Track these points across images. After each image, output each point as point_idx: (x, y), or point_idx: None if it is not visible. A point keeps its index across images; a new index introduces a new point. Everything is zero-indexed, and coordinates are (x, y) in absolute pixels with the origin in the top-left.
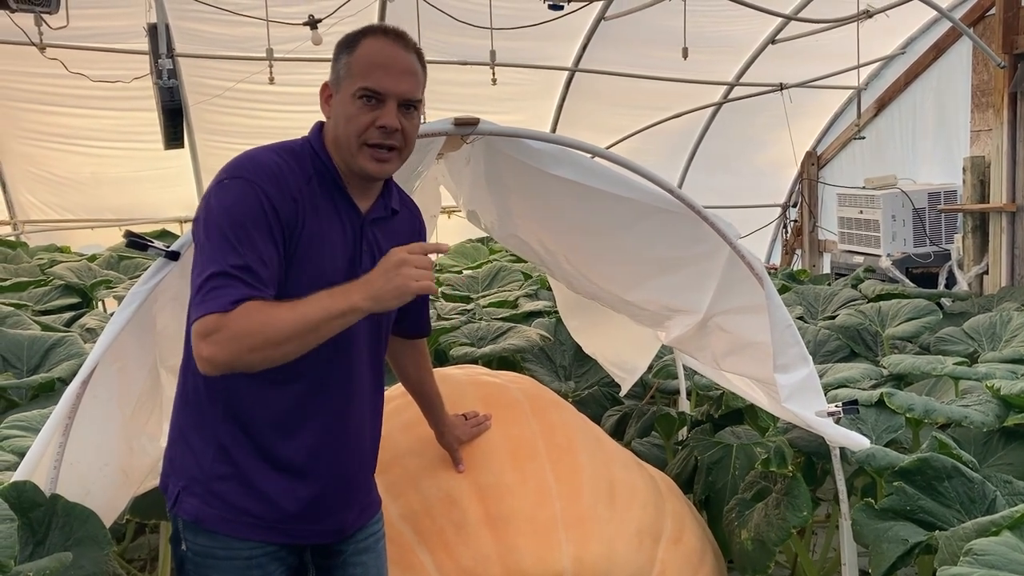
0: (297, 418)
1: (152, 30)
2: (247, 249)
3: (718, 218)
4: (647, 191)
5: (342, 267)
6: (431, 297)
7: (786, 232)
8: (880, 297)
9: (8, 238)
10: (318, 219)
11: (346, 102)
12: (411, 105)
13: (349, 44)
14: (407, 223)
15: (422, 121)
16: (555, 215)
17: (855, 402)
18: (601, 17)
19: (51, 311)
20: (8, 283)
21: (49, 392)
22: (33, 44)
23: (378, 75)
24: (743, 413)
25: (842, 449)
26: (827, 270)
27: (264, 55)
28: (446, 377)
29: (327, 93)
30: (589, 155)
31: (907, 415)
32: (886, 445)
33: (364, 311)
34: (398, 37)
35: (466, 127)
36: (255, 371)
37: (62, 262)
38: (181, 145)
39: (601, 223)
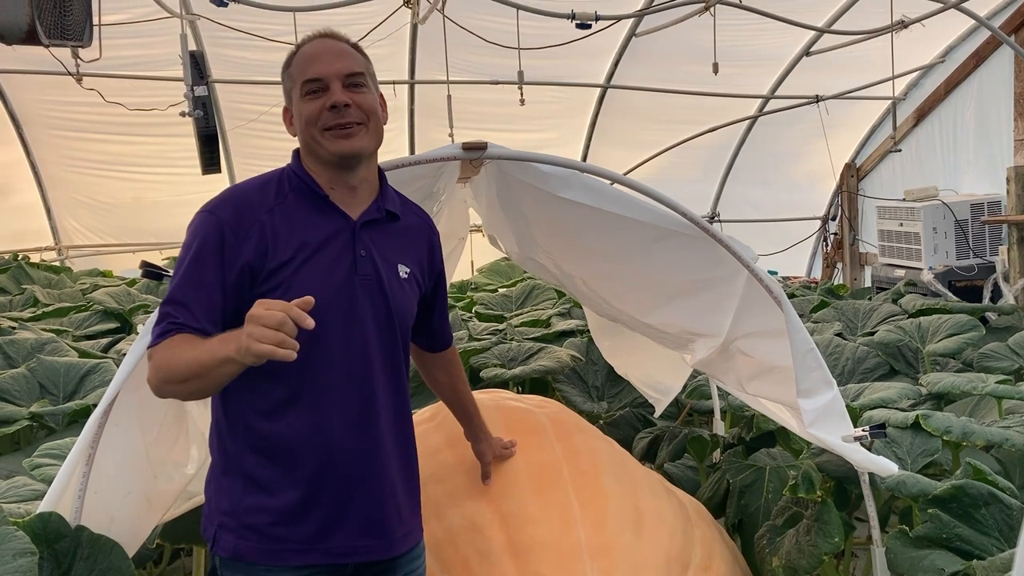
0: (314, 439)
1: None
2: (191, 283)
3: (735, 241)
4: (661, 214)
5: (338, 273)
6: (464, 317)
7: (826, 245)
8: (920, 312)
9: (53, 263)
10: (298, 233)
11: (297, 104)
12: (356, 83)
13: (287, 61)
14: (417, 229)
15: (450, 141)
16: (569, 238)
17: (883, 425)
18: (632, 34)
19: (91, 336)
20: (50, 309)
21: (84, 418)
22: (70, 74)
23: (314, 65)
24: (775, 435)
25: (873, 474)
26: (869, 283)
27: None
28: None
29: (288, 115)
30: (603, 179)
31: (944, 438)
32: (923, 468)
33: (239, 361)
34: (326, 34)
35: (474, 151)
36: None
37: (103, 287)
38: (218, 170)
39: (615, 246)
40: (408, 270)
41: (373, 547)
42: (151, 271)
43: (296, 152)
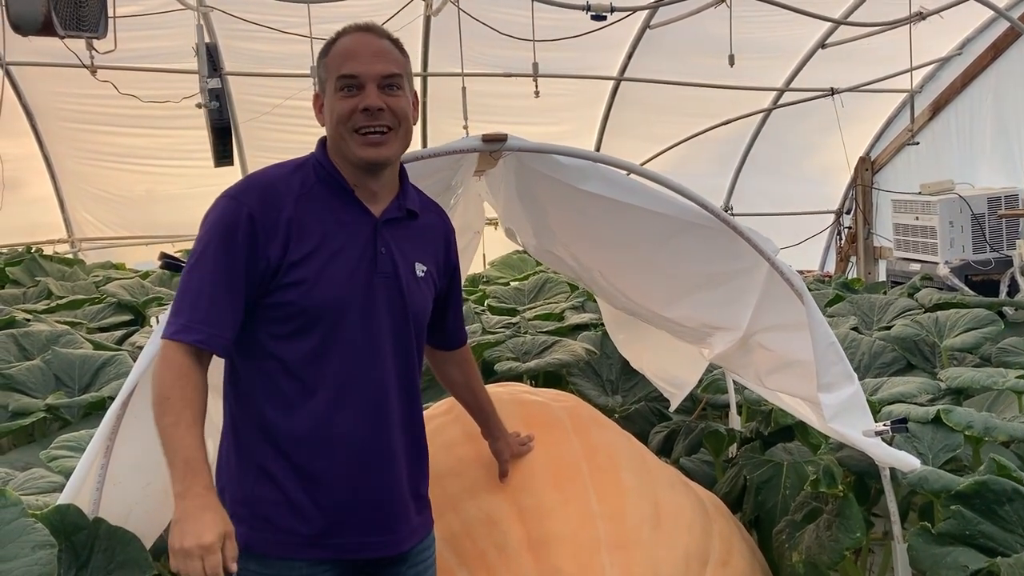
0: (325, 434)
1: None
2: (210, 277)
3: (756, 233)
4: (681, 206)
5: (358, 269)
6: (477, 310)
7: (840, 239)
8: (937, 306)
9: (66, 256)
10: (323, 226)
11: (331, 99)
12: (392, 84)
13: (325, 49)
14: (434, 228)
15: (465, 135)
16: (587, 230)
17: (904, 420)
18: (646, 26)
19: (105, 328)
20: (64, 301)
21: (100, 410)
22: (85, 67)
23: (351, 62)
24: (793, 429)
25: (894, 469)
26: (883, 277)
27: (309, 72)
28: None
29: (319, 103)
30: (623, 171)
31: (966, 433)
32: (944, 463)
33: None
34: (367, 28)
35: (494, 143)
36: None
37: (116, 279)
38: (231, 162)
39: (634, 238)
40: (425, 268)
41: (380, 544)
42: (171, 263)
43: (322, 141)
